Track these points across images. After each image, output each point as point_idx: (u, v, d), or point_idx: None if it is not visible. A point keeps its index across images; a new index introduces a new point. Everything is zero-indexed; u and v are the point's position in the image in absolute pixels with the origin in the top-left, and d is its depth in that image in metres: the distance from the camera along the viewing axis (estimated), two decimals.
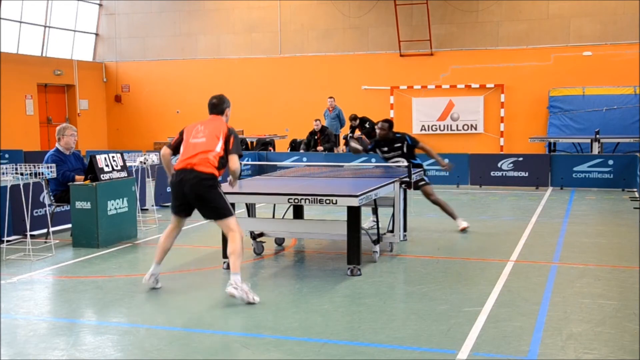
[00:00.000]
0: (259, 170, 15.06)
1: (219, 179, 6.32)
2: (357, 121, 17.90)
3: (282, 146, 20.51)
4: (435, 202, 9.74)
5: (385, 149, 9.72)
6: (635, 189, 13.60)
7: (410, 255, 8.22)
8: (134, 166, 10.53)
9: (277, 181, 8.60)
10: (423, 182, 9.62)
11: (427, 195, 9.68)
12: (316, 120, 17.82)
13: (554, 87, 20.18)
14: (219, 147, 6.26)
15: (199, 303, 6.19)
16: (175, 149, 6.51)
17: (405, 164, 8.99)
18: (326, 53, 22.51)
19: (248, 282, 6.25)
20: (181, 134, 6.51)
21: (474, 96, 21.14)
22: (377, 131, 9.75)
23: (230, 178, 6.67)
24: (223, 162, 6.29)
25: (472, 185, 14.99)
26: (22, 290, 6.71)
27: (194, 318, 5.82)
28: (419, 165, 9.63)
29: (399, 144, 9.62)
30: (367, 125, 17.86)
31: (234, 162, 6.33)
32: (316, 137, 17.61)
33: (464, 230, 9.59)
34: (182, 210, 6.45)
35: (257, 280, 7.27)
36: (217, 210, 6.23)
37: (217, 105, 6.59)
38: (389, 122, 9.83)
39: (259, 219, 8.52)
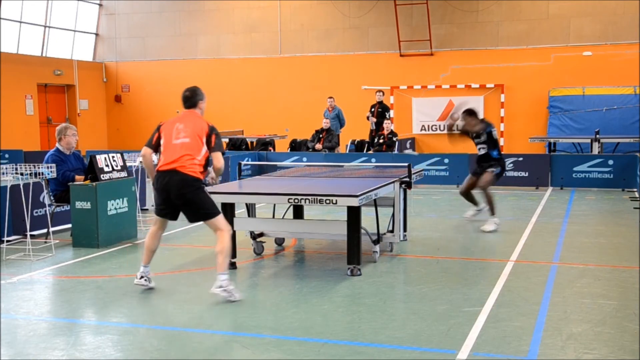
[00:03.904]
0: (259, 170, 15.06)
1: (204, 180, 6.29)
2: (382, 94, 18.20)
3: (282, 146, 20.50)
4: (483, 190, 9.83)
5: (474, 135, 10.03)
6: (635, 189, 13.60)
7: (410, 255, 8.22)
8: (134, 166, 10.54)
9: (277, 181, 8.59)
10: (491, 170, 9.87)
11: (482, 181, 9.84)
12: (326, 119, 17.84)
13: (554, 87, 20.17)
14: (204, 150, 6.19)
15: (199, 303, 6.19)
16: (156, 147, 6.37)
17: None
18: (326, 53, 22.51)
19: (232, 282, 6.29)
20: (158, 130, 6.37)
21: (474, 96, 21.11)
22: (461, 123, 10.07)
23: (211, 176, 6.52)
24: (208, 162, 6.26)
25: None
26: (22, 290, 6.71)
27: (194, 318, 5.82)
28: (498, 160, 9.99)
29: (482, 138, 9.97)
30: (387, 115, 17.96)
31: (218, 160, 6.20)
32: (321, 136, 17.62)
33: (484, 231, 9.57)
34: (167, 214, 6.39)
35: (257, 280, 7.27)
36: (205, 211, 6.18)
37: (190, 98, 6.42)
38: (469, 111, 9.99)
39: (259, 219, 8.52)
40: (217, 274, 6.12)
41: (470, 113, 9.93)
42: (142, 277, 6.53)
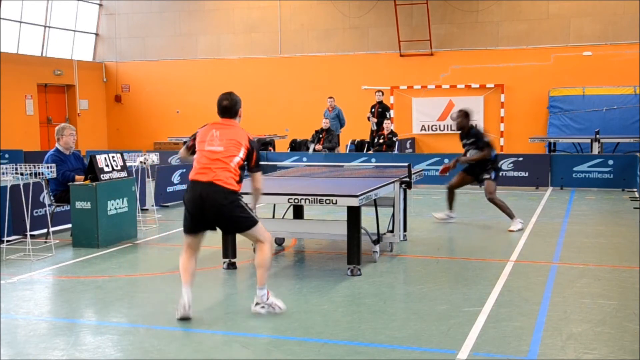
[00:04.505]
0: None
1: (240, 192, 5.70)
2: (382, 94, 18.33)
3: (282, 146, 20.50)
4: (492, 201, 9.87)
5: (464, 140, 10.03)
6: (635, 189, 13.60)
7: (410, 255, 8.22)
8: (134, 166, 10.53)
9: (277, 181, 8.59)
10: (488, 177, 9.85)
11: (487, 192, 9.85)
12: (325, 119, 17.86)
13: (554, 87, 20.18)
14: (238, 158, 5.61)
15: (199, 303, 6.18)
16: (193, 152, 5.85)
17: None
18: (326, 53, 22.51)
19: (272, 292, 5.85)
20: (195, 138, 5.82)
21: (474, 96, 21.13)
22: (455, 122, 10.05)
23: (252, 204, 5.96)
24: (242, 173, 5.70)
25: (472, 185, 14.93)
26: (22, 290, 6.71)
27: (194, 318, 5.81)
28: (492, 162, 9.95)
29: (472, 139, 9.91)
30: (387, 115, 18.02)
31: (257, 180, 5.78)
32: (321, 136, 17.63)
33: (511, 231, 9.49)
34: (199, 229, 5.75)
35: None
36: (242, 223, 5.67)
37: (230, 109, 5.78)
38: (463, 111, 10.05)
39: (259, 219, 8.50)
40: (257, 289, 5.73)
41: (466, 115, 10.02)
42: (189, 305, 5.68)
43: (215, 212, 5.57)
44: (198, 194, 5.55)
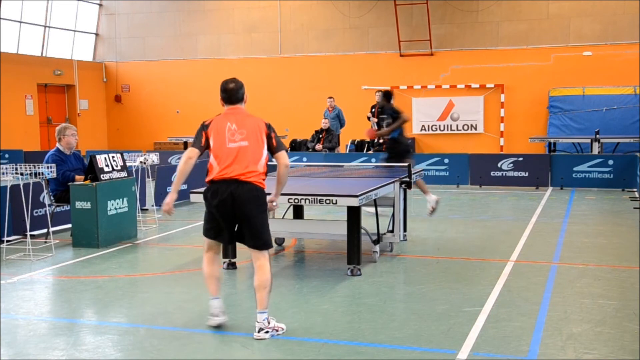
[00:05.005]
0: None
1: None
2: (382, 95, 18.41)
3: None
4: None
5: (380, 116, 10.81)
6: (635, 189, 13.60)
7: (410, 255, 8.22)
8: (134, 166, 10.53)
9: None
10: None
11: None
12: (325, 119, 17.86)
13: (554, 87, 20.18)
14: (265, 154, 5.31)
15: (199, 303, 6.18)
16: (204, 149, 5.33)
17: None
18: (326, 53, 22.51)
19: (273, 317, 5.38)
20: (206, 133, 5.30)
21: (474, 96, 21.13)
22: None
23: (270, 199, 5.56)
24: (267, 167, 5.39)
25: (472, 185, 14.98)
26: (22, 290, 6.71)
27: (194, 318, 5.81)
28: (394, 140, 10.31)
29: (387, 115, 10.50)
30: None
31: (283, 157, 5.35)
32: (321, 136, 17.63)
33: (432, 209, 9.77)
34: (225, 234, 5.34)
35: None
36: (264, 240, 5.30)
37: (236, 92, 5.36)
38: (383, 93, 10.91)
39: None
40: (257, 312, 5.24)
41: (385, 95, 10.78)
42: (218, 315, 5.44)
43: (245, 208, 5.18)
44: (229, 193, 5.15)
